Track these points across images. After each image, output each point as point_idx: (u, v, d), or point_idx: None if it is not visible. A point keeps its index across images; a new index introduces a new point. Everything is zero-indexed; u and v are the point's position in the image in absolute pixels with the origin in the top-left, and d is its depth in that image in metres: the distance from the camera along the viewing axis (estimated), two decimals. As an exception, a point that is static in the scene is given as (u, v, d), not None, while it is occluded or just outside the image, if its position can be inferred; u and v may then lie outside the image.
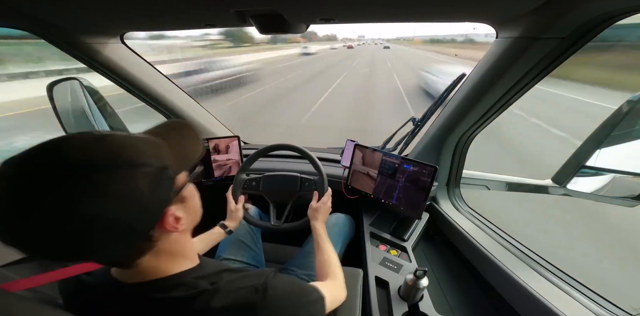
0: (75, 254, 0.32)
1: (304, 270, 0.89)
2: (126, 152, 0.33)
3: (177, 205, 0.41)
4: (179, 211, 0.40)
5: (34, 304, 0.36)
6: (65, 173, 0.29)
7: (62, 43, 0.84)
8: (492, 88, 0.76)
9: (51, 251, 0.31)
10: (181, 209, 0.41)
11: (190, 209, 0.44)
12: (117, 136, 0.34)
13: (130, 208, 0.32)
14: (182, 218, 0.40)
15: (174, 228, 0.39)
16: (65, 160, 0.30)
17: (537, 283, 0.70)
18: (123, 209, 0.31)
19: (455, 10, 0.61)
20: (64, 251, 0.31)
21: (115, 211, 0.31)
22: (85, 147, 0.31)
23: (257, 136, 2.32)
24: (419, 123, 1.10)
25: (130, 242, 0.35)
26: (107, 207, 0.30)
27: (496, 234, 0.91)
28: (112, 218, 0.31)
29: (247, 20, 0.67)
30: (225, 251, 0.95)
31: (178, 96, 1.25)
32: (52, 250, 0.31)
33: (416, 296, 0.77)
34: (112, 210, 0.30)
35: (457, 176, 1.10)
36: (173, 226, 0.39)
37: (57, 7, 0.64)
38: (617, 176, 0.74)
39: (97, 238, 0.31)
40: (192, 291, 0.40)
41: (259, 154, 1.03)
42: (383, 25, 11.50)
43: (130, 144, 0.34)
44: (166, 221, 0.38)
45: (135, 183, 0.32)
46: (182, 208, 0.41)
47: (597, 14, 0.51)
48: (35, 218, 0.28)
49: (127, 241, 0.35)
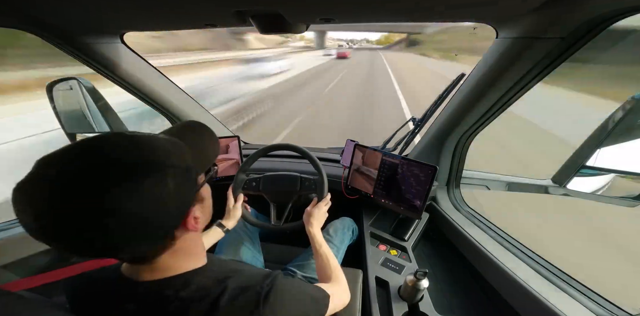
0: (106, 250, 0.33)
1: (304, 272, 0.89)
2: (157, 153, 0.34)
3: (197, 205, 0.42)
4: (197, 211, 0.41)
5: (35, 304, 0.36)
6: (105, 174, 0.30)
7: (62, 43, 0.84)
8: (492, 88, 0.76)
9: (86, 247, 0.32)
10: (199, 210, 0.42)
11: (205, 210, 0.45)
12: (145, 137, 0.35)
13: (161, 208, 0.33)
14: (199, 218, 0.41)
15: (194, 227, 0.40)
16: (105, 161, 0.31)
17: (537, 283, 0.70)
18: (154, 209, 0.33)
19: (455, 9, 0.61)
20: (97, 247, 0.32)
21: (148, 210, 0.32)
22: (122, 148, 0.32)
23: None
24: (419, 123, 1.10)
25: (156, 240, 0.37)
26: (141, 206, 0.31)
27: (496, 234, 0.91)
28: (144, 217, 0.32)
29: (247, 20, 0.66)
30: (223, 252, 0.95)
31: (178, 96, 1.25)
32: (87, 247, 0.32)
33: (416, 297, 0.77)
34: (145, 209, 0.32)
35: (457, 176, 1.10)
36: (194, 226, 0.40)
37: (57, 7, 0.64)
38: (618, 176, 0.74)
39: (128, 235, 0.32)
40: (202, 291, 0.41)
41: (259, 154, 1.03)
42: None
43: (160, 145, 0.35)
44: (188, 221, 0.39)
45: (166, 183, 0.33)
46: (200, 208, 0.43)
47: (597, 14, 0.51)
48: (75, 216, 0.29)
49: (154, 239, 0.36)
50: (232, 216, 0.94)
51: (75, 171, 0.30)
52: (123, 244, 0.33)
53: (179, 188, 0.35)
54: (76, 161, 0.30)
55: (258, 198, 1.07)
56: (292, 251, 1.05)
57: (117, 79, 1.02)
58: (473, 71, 0.82)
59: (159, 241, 0.38)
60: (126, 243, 0.33)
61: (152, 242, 0.37)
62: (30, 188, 0.29)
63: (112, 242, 0.32)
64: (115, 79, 1.02)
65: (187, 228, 0.39)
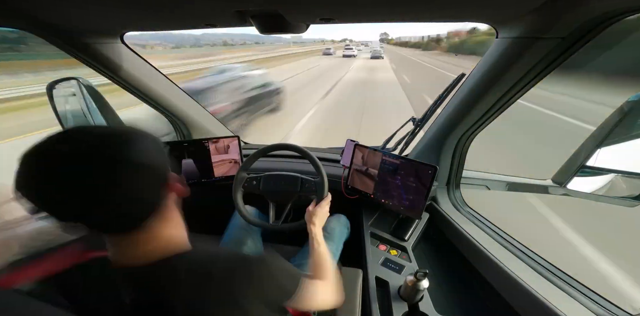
0: (107, 198, 0.37)
1: (304, 270, 0.89)
2: (135, 132, 0.43)
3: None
4: (174, 180, 0.48)
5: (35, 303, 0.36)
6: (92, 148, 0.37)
7: (62, 43, 0.84)
8: (492, 88, 0.76)
9: (88, 195, 0.36)
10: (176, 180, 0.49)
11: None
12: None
13: (157, 158, 0.42)
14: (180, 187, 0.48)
15: (179, 191, 0.48)
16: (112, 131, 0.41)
17: (537, 283, 0.70)
18: (154, 158, 0.41)
19: (456, 10, 0.61)
20: (100, 191, 0.36)
21: (149, 159, 0.41)
22: (101, 128, 0.43)
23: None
24: (419, 123, 1.10)
25: (155, 186, 0.42)
26: (146, 156, 0.40)
27: (496, 234, 0.91)
28: (147, 164, 0.40)
29: (247, 20, 0.67)
30: None
31: (178, 96, 1.25)
32: (90, 194, 0.36)
33: (416, 297, 0.77)
34: (148, 158, 0.40)
35: (457, 176, 1.10)
36: (178, 189, 0.47)
37: (57, 7, 0.64)
38: (618, 176, 0.74)
39: (138, 180, 0.39)
40: (194, 268, 0.44)
41: (260, 154, 1.04)
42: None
43: (131, 126, 0.43)
44: (172, 183, 0.46)
45: (158, 145, 0.43)
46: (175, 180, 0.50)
47: (597, 14, 0.51)
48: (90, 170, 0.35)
49: (154, 185, 0.42)
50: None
51: (89, 138, 0.37)
52: (131, 189, 0.38)
53: (163, 152, 0.44)
54: (94, 130, 0.39)
55: (258, 198, 1.07)
56: (292, 251, 1.05)
57: (118, 79, 1.02)
58: (473, 71, 0.82)
59: (157, 187, 0.43)
60: (133, 187, 0.38)
61: (153, 188, 0.42)
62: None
63: (119, 187, 0.37)
64: (116, 79, 1.02)
65: (172, 189, 0.46)
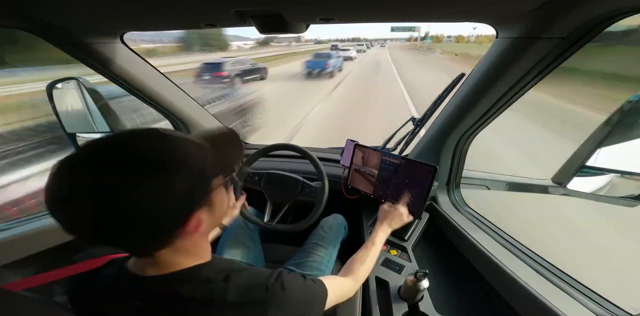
0: (98, 233, 0.35)
1: (303, 270, 0.89)
2: (177, 153, 0.36)
3: (204, 208, 0.41)
4: (204, 214, 0.41)
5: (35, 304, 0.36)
6: (119, 164, 0.33)
7: (62, 43, 0.84)
8: (492, 88, 0.76)
9: (78, 226, 0.34)
10: (207, 213, 0.42)
11: (215, 214, 0.44)
12: (173, 136, 0.37)
13: (162, 206, 0.34)
14: (204, 221, 0.41)
15: (195, 230, 0.40)
16: (124, 152, 0.34)
17: (537, 283, 0.70)
18: (155, 205, 0.34)
19: (456, 10, 0.61)
20: (87, 228, 0.34)
21: (147, 205, 0.33)
22: (146, 144, 0.35)
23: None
24: (419, 123, 1.10)
25: (150, 235, 0.37)
26: (143, 200, 0.33)
27: (496, 234, 0.91)
28: (143, 211, 0.33)
29: (247, 20, 0.67)
30: (224, 252, 0.94)
31: (179, 96, 1.25)
32: (79, 226, 0.34)
33: (416, 297, 0.77)
34: (145, 203, 0.33)
35: (457, 176, 1.10)
36: (194, 228, 0.40)
37: (57, 7, 0.64)
38: (618, 176, 0.74)
39: (121, 224, 0.34)
40: (206, 285, 0.41)
41: (261, 153, 1.04)
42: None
43: (182, 145, 0.37)
44: (190, 223, 0.39)
45: (174, 183, 0.34)
46: (208, 212, 0.42)
47: (597, 14, 0.51)
48: (91, 198, 0.32)
49: (148, 234, 0.37)
50: (230, 214, 0.93)
51: (103, 160, 0.33)
52: (114, 231, 0.34)
53: (188, 189, 0.35)
54: (107, 151, 0.34)
55: (257, 195, 1.07)
56: (292, 251, 1.05)
57: (117, 79, 1.02)
58: (473, 71, 0.82)
59: (154, 237, 0.38)
60: (118, 231, 0.34)
61: (146, 237, 0.37)
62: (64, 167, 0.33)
63: (103, 226, 0.33)
64: (116, 79, 1.02)
65: (188, 230, 0.39)
